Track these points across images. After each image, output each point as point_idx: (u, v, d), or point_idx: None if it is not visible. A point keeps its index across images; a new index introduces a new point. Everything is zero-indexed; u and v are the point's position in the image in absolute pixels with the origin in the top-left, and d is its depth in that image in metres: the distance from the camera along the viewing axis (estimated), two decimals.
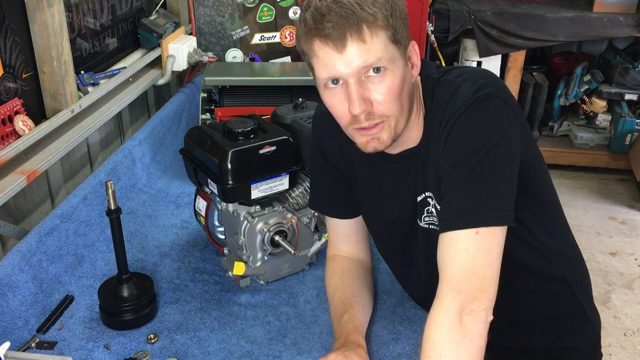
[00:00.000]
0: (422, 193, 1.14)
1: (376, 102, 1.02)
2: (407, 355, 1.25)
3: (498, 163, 1.00)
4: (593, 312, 1.33)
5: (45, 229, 1.45)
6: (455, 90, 1.05)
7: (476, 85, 1.04)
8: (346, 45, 0.98)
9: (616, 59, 3.50)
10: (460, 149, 1.02)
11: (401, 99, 1.03)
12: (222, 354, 1.26)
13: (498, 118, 1.02)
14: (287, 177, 1.44)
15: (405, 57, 1.04)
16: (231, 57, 2.43)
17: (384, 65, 1.00)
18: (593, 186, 3.64)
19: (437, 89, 1.10)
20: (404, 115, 1.06)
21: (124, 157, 1.85)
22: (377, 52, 0.98)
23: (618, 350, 2.44)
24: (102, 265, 1.54)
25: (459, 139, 1.03)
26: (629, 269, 2.93)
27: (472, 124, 1.02)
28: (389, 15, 0.99)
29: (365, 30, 0.97)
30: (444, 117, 1.05)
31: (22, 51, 1.55)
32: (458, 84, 1.06)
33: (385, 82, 1.01)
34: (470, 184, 1.01)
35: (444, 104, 1.06)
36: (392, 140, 1.07)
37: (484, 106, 1.02)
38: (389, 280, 1.47)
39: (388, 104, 1.02)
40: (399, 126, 1.06)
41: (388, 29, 0.99)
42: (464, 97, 1.03)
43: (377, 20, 0.97)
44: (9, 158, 1.44)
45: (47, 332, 1.31)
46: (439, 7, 3.27)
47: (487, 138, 1.00)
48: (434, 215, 1.14)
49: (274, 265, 1.46)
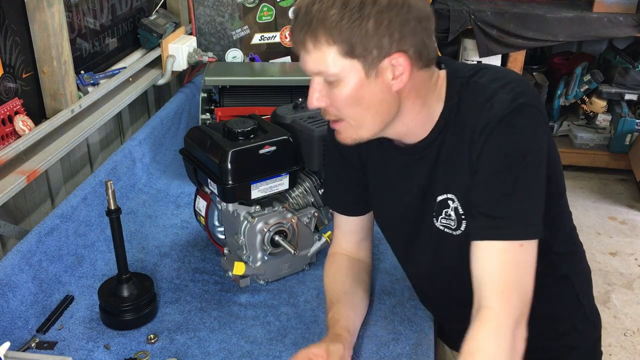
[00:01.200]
0: (444, 194, 1.13)
1: (332, 104, 1.06)
2: (407, 355, 1.25)
3: (535, 176, 1.03)
4: (593, 311, 1.33)
5: (45, 229, 1.45)
6: (490, 97, 1.04)
7: (513, 93, 1.04)
8: (299, 49, 1.04)
9: (616, 59, 3.50)
10: (499, 161, 1.03)
11: (360, 107, 1.04)
12: (222, 354, 1.26)
13: (535, 129, 1.04)
14: (287, 177, 1.44)
15: (375, 68, 1.01)
16: (231, 57, 2.43)
17: (330, 78, 1.02)
18: (593, 186, 3.64)
19: (466, 89, 1.09)
20: (367, 122, 1.06)
21: (124, 157, 1.85)
22: (319, 64, 1.01)
23: (618, 350, 2.44)
24: (102, 265, 1.54)
25: (498, 150, 1.03)
26: (629, 269, 2.93)
27: (510, 135, 1.03)
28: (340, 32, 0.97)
29: (309, 42, 1.00)
30: (478, 123, 1.04)
31: (22, 51, 1.55)
32: (494, 91, 1.05)
33: (336, 90, 1.03)
34: (514, 196, 1.02)
35: (477, 109, 1.05)
36: (353, 141, 1.09)
37: (521, 117, 1.02)
38: (389, 280, 1.47)
39: (341, 110, 1.05)
40: (363, 131, 1.07)
41: (336, 45, 0.99)
42: (500, 105, 1.03)
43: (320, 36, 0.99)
44: (9, 158, 1.44)
45: (47, 332, 1.31)
46: (439, 7, 3.27)
47: (524, 151, 1.02)
48: (452, 219, 1.13)
49: (274, 265, 1.46)
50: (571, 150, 3.68)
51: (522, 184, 1.02)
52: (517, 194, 1.02)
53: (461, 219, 1.11)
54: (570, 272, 1.25)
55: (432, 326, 1.34)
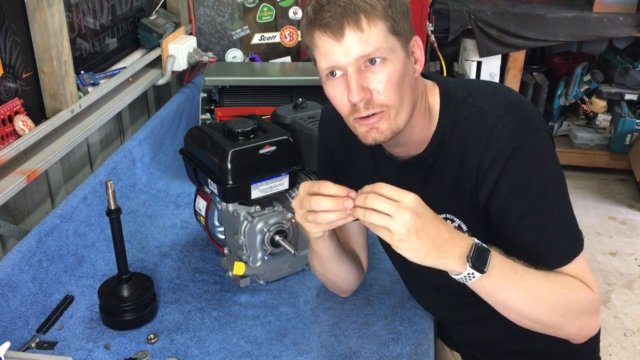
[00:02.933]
0: (442, 214, 1.13)
1: (375, 92, 1.02)
2: (407, 355, 1.25)
3: (562, 193, 1.07)
4: None
5: (45, 229, 1.45)
6: (494, 125, 1.05)
7: (517, 121, 1.05)
8: (344, 34, 0.98)
9: (616, 59, 3.50)
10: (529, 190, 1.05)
11: (402, 90, 1.03)
12: (222, 354, 1.26)
13: (547, 151, 1.06)
14: (287, 177, 1.44)
15: (407, 50, 1.04)
16: (231, 57, 2.43)
17: (383, 55, 1.00)
18: (593, 186, 3.64)
19: (462, 110, 1.09)
20: (404, 107, 1.05)
21: (124, 157, 1.85)
22: (375, 41, 0.99)
23: (618, 350, 2.44)
24: (102, 265, 1.54)
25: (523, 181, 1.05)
26: (629, 269, 2.93)
27: (530, 165, 1.04)
28: (388, 6, 0.99)
29: (363, 20, 0.98)
30: (487, 153, 1.05)
31: (22, 51, 1.55)
32: (497, 117, 1.05)
33: (384, 72, 1.01)
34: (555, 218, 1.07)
35: (482, 137, 1.06)
36: (392, 133, 1.06)
37: (534, 144, 1.05)
38: (389, 280, 1.47)
39: (387, 94, 1.02)
40: (400, 119, 1.05)
41: (387, 20, 0.99)
42: (509, 135, 1.04)
43: (375, 10, 0.98)
44: (9, 158, 1.44)
45: (47, 332, 1.31)
46: (439, 7, 3.27)
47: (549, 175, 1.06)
48: None
49: (274, 265, 1.46)
50: (571, 150, 3.68)
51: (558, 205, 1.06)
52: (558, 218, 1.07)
53: None
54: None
55: (432, 326, 1.34)
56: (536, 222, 1.05)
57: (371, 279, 1.47)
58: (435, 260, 0.96)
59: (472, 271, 0.98)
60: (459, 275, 0.99)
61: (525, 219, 1.05)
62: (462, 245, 0.98)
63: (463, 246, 0.98)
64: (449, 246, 0.97)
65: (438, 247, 0.96)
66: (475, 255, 0.98)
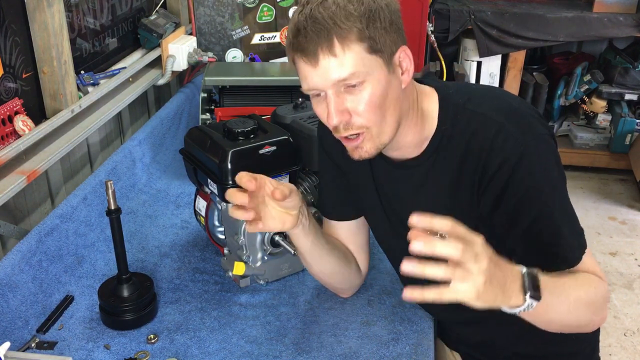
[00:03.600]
0: None
1: (355, 113, 1.02)
2: (407, 355, 1.25)
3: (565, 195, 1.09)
4: None
5: (45, 229, 1.45)
6: (498, 132, 1.05)
7: (520, 127, 1.05)
8: (318, 60, 0.98)
9: (616, 59, 3.50)
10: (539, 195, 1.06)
11: (383, 108, 1.03)
12: (222, 354, 1.26)
13: (553, 154, 1.07)
14: (287, 177, 1.44)
15: (391, 64, 1.02)
16: (231, 57, 2.43)
17: (360, 78, 0.99)
18: (593, 186, 3.64)
19: (462, 116, 1.09)
20: (388, 124, 1.05)
21: (124, 157, 1.85)
22: (350, 66, 0.98)
23: (618, 350, 2.44)
24: (102, 265, 1.54)
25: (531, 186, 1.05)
26: (629, 269, 2.93)
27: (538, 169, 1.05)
28: (365, 27, 0.98)
29: (337, 45, 0.97)
30: (491, 159, 1.05)
31: (22, 51, 1.55)
32: (500, 124, 1.05)
33: (363, 93, 1.01)
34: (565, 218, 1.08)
35: (486, 144, 1.05)
36: (376, 150, 1.07)
37: (538, 150, 1.05)
38: (389, 280, 1.47)
39: (366, 115, 1.02)
40: (383, 136, 1.05)
41: (363, 41, 0.98)
42: (513, 142, 1.04)
43: (351, 33, 0.97)
44: (9, 158, 1.44)
45: (47, 332, 1.31)
46: (439, 7, 3.27)
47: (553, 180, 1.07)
48: None
49: (274, 265, 1.46)
50: (571, 150, 3.68)
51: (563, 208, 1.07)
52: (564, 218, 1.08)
53: None
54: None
55: (432, 326, 1.34)
56: (550, 225, 1.06)
57: (371, 279, 1.47)
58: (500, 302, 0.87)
59: (532, 302, 0.89)
60: (517, 308, 0.90)
61: (539, 223, 1.06)
62: (516, 278, 0.89)
63: (517, 278, 0.89)
64: (511, 283, 0.88)
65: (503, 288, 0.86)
66: (531, 284, 0.89)
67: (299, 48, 1.00)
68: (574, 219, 1.10)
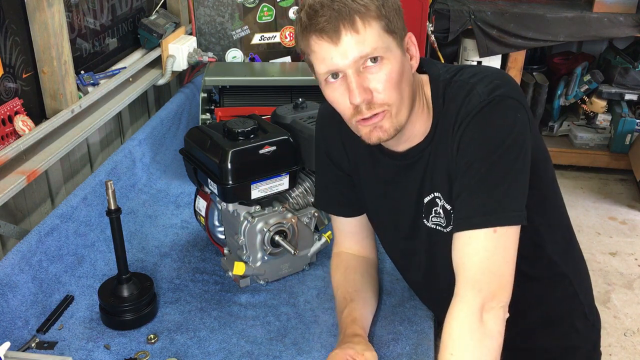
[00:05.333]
0: (431, 193, 1.15)
1: (376, 91, 1.03)
2: (407, 355, 1.25)
3: (513, 164, 1.02)
4: (593, 312, 1.33)
5: (45, 229, 1.45)
6: (469, 91, 1.06)
7: (490, 86, 1.05)
8: (340, 37, 0.99)
9: (616, 59, 3.50)
10: (475, 150, 1.03)
11: (401, 87, 1.04)
12: (222, 354, 1.26)
13: (513, 119, 1.04)
14: (287, 177, 1.44)
15: (403, 47, 1.05)
16: (231, 57, 2.43)
17: (380, 54, 1.01)
18: (593, 186, 3.64)
19: (449, 89, 1.10)
20: (404, 104, 1.06)
21: (124, 157, 1.85)
22: (371, 41, 1.00)
23: (618, 350, 2.44)
24: (102, 265, 1.54)
25: (474, 140, 1.04)
26: (629, 269, 2.93)
27: (487, 125, 1.03)
28: (381, 6, 1.00)
29: (358, 21, 0.99)
30: (457, 118, 1.06)
31: (22, 51, 1.55)
32: (472, 85, 1.07)
33: (383, 71, 1.02)
34: (486, 184, 1.03)
35: (457, 105, 1.07)
36: (395, 130, 1.07)
37: (498, 107, 1.03)
38: (389, 280, 1.47)
39: (388, 92, 1.03)
40: (401, 115, 1.06)
41: (381, 19, 1.00)
42: (478, 98, 1.04)
43: (369, 10, 0.99)
44: (9, 158, 1.44)
45: (47, 332, 1.31)
46: (439, 7, 3.27)
47: (502, 139, 1.02)
48: (441, 217, 1.14)
49: (274, 265, 1.46)
50: (571, 150, 3.68)
51: (496, 172, 1.02)
52: (490, 183, 1.02)
53: (450, 216, 1.12)
54: (568, 270, 1.25)
55: (432, 326, 1.34)
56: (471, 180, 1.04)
57: None
58: None
59: None
60: None
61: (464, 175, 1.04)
62: None
63: None
64: None
65: None
66: None
67: (317, 28, 1.00)
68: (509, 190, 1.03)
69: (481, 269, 1.01)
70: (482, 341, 1.00)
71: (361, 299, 1.29)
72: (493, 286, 1.01)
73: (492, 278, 1.01)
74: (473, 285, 1.01)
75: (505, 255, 1.02)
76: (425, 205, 1.16)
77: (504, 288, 1.02)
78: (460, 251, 1.04)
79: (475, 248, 1.02)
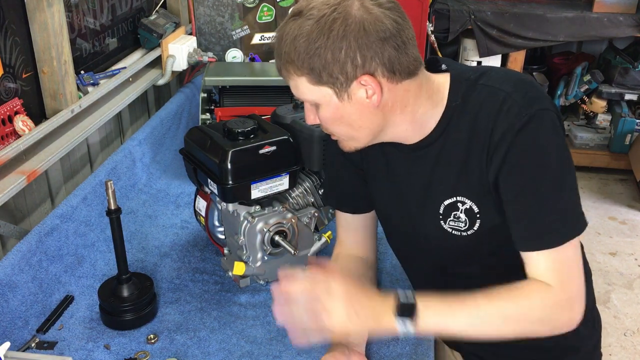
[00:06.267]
0: (453, 196, 1.13)
1: None
2: (407, 355, 1.25)
3: (567, 175, 1.05)
4: (594, 312, 1.33)
5: (45, 229, 1.45)
6: (504, 100, 1.05)
7: (527, 98, 1.05)
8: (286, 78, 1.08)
9: (616, 59, 3.50)
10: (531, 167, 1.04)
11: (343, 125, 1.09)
12: (222, 354, 1.26)
13: (556, 132, 1.05)
14: (287, 177, 1.44)
15: (347, 91, 1.03)
16: (231, 57, 2.43)
17: (313, 101, 1.07)
18: (593, 186, 3.64)
19: (474, 91, 1.09)
20: (359, 135, 1.10)
21: (124, 157, 1.85)
22: (303, 91, 1.07)
23: (618, 350, 2.44)
24: (102, 265, 1.54)
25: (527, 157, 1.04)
26: (629, 269, 2.93)
27: (538, 144, 1.04)
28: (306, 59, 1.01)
29: (291, 70, 1.05)
30: (497, 127, 1.05)
31: (22, 51, 1.55)
32: (507, 94, 1.05)
33: (320, 112, 1.09)
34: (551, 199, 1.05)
35: (491, 113, 1.05)
36: (360, 147, 1.15)
37: (543, 123, 1.04)
38: (389, 280, 1.47)
39: (330, 129, 1.12)
40: (358, 142, 1.13)
41: (304, 75, 1.03)
42: (518, 111, 1.03)
43: (294, 63, 1.03)
44: (9, 158, 1.44)
45: (47, 332, 1.31)
46: (439, 7, 3.27)
47: (553, 154, 1.05)
48: (461, 221, 1.14)
49: (274, 265, 1.46)
50: (571, 150, 3.64)
51: (556, 185, 1.04)
52: (554, 197, 1.05)
53: (475, 219, 1.12)
54: None
55: None
56: (530, 201, 1.05)
57: None
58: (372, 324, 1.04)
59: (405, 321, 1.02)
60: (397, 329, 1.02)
61: (522, 197, 1.05)
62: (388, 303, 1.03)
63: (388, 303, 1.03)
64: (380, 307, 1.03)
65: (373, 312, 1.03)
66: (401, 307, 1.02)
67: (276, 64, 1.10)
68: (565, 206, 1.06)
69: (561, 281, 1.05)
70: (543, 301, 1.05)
71: None
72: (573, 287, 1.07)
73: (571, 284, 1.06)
74: None
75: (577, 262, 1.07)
76: (445, 208, 1.15)
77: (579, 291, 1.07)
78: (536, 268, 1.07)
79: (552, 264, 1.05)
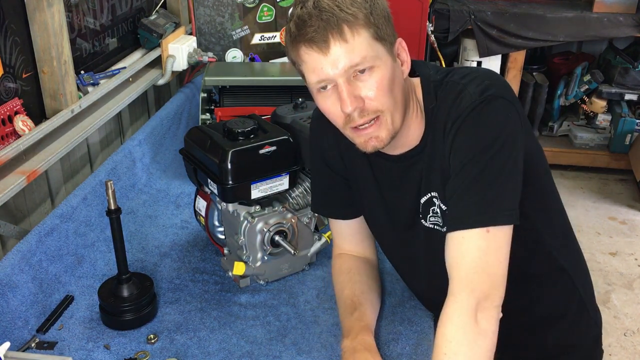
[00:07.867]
0: (428, 193, 1.15)
1: (367, 99, 1.03)
2: (407, 355, 1.25)
3: (505, 163, 1.02)
4: (594, 309, 1.33)
5: (45, 229, 1.45)
6: (460, 92, 1.06)
7: (482, 86, 1.05)
8: (329, 46, 1.00)
9: (616, 59, 3.50)
10: (468, 150, 1.03)
11: (393, 93, 1.04)
12: (222, 354, 1.26)
13: (504, 119, 1.04)
14: (287, 177, 1.44)
15: (393, 53, 1.05)
16: (231, 57, 2.43)
17: (370, 63, 1.01)
18: (593, 186, 3.64)
19: (440, 90, 1.10)
20: (398, 110, 1.06)
21: (124, 157, 1.85)
22: (361, 50, 1.00)
23: (618, 350, 2.44)
24: (102, 265, 1.54)
25: (466, 141, 1.04)
26: (629, 269, 2.93)
27: (479, 125, 1.03)
28: (369, 14, 1.00)
29: (347, 30, 0.99)
30: (449, 118, 1.06)
31: (22, 51, 1.55)
32: (463, 85, 1.07)
33: (374, 78, 1.02)
34: (480, 184, 1.02)
35: (448, 105, 1.07)
36: (390, 138, 1.08)
37: (490, 107, 1.03)
38: (389, 281, 1.47)
39: (380, 99, 1.03)
40: (396, 121, 1.07)
41: (369, 27, 1.00)
42: (469, 99, 1.04)
43: (357, 19, 0.99)
44: (9, 158, 1.44)
45: (47, 332, 1.31)
46: (439, 7, 3.27)
47: (493, 139, 1.02)
48: (438, 216, 1.15)
49: (274, 265, 1.46)
50: (571, 150, 3.68)
51: (489, 172, 1.02)
52: (483, 183, 1.02)
53: (445, 215, 1.12)
54: (567, 265, 1.25)
55: (432, 326, 1.34)
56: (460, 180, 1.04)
57: None
58: None
59: None
60: None
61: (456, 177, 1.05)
62: None
63: None
64: None
65: None
66: None
67: (306, 38, 1.01)
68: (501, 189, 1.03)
69: (474, 269, 1.01)
70: (475, 341, 1.00)
71: (369, 302, 1.29)
72: (486, 286, 1.01)
73: (486, 278, 1.01)
74: (466, 285, 1.01)
75: (498, 255, 1.02)
76: (423, 205, 1.17)
77: (497, 288, 1.02)
78: (453, 251, 1.04)
79: (468, 248, 1.02)
